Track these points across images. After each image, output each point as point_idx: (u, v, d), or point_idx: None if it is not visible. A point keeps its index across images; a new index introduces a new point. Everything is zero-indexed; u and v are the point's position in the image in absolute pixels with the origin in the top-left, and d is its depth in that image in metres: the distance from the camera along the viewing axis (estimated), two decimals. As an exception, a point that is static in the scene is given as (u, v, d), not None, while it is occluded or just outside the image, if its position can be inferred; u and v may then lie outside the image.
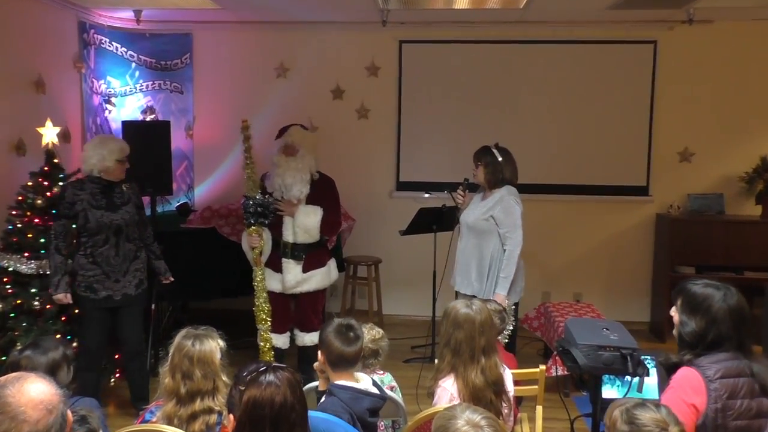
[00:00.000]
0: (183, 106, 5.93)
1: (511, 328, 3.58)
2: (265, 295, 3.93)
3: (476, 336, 2.46)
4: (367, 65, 5.82)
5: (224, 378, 2.29)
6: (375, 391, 2.38)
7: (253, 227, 3.89)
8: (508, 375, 2.57)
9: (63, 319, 3.87)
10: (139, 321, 3.88)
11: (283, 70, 5.86)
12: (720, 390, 2.04)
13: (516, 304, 3.95)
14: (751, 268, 5.31)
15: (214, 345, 2.32)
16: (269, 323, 3.94)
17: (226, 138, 5.76)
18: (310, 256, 4.07)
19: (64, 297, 3.65)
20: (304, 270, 4.06)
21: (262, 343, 3.95)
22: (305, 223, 4.02)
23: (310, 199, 4.04)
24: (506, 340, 3.44)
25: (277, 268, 4.02)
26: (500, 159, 3.90)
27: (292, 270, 4.04)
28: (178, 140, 5.80)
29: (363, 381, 2.41)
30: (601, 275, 5.79)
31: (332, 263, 4.22)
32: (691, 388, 2.07)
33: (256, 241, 3.91)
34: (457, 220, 4.03)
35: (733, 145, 5.60)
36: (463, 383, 2.42)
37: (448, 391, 2.44)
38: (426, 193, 5.61)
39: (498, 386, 2.44)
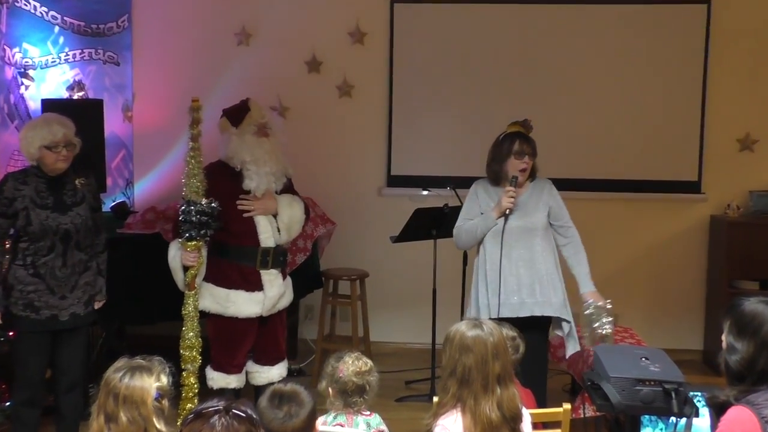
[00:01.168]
0: (119, 81, 5.93)
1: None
2: (197, 327, 3.91)
3: (490, 360, 2.47)
4: (351, 30, 5.84)
5: (159, 426, 2.27)
6: None
7: (193, 242, 3.83)
8: (525, 416, 2.60)
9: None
10: (84, 347, 3.92)
11: (245, 37, 5.87)
12: None
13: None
14: (828, 283, 5.37)
15: (147, 383, 2.29)
16: (199, 361, 3.93)
17: (173, 121, 5.74)
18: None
19: None
20: (283, 278, 4.14)
21: (186, 387, 3.89)
22: (292, 217, 4.07)
23: None
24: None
25: (255, 285, 4.03)
26: None
27: (274, 282, 4.06)
28: (113, 124, 5.78)
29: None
30: (641, 292, 5.83)
31: None
32: None
33: (194, 260, 3.85)
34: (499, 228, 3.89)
35: (806, 129, 5.67)
36: (473, 419, 2.43)
37: (448, 430, 2.46)
38: (424, 190, 5.63)
39: (516, 423, 2.46)
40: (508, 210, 3.83)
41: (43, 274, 3.69)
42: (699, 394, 2.56)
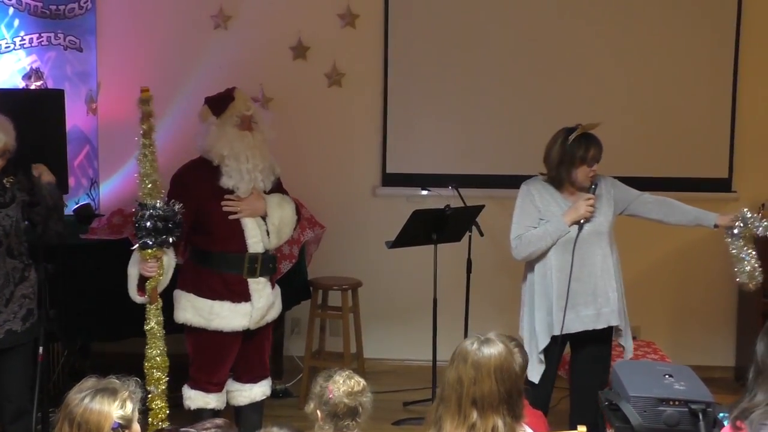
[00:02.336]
0: (83, 69, 5.93)
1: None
2: (162, 345, 3.91)
3: (466, 382, 2.46)
4: (341, 12, 5.85)
5: None
6: None
7: (149, 250, 3.82)
8: None
9: None
10: (27, 367, 3.87)
11: (222, 19, 5.88)
12: None
13: (554, 340, 4.00)
14: None
15: (107, 409, 2.28)
16: (165, 382, 3.92)
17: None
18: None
19: None
20: (272, 287, 4.17)
21: (152, 412, 3.88)
22: (282, 218, 4.09)
23: None
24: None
25: (242, 296, 4.04)
26: None
27: (263, 292, 4.08)
28: (75, 117, 5.78)
29: None
30: (665, 302, 5.85)
31: None
32: None
33: (152, 269, 3.83)
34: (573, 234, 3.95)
35: None
36: None
37: None
38: (423, 189, 5.64)
39: None
40: (584, 219, 3.90)
41: None
42: (732, 415, 2.57)
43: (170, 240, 3.83)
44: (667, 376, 2.75)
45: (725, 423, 2.33)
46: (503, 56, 5.79)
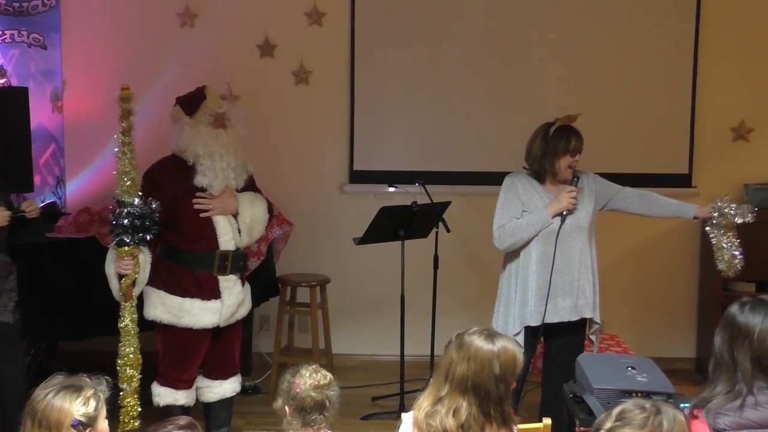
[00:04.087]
0: (47, 67, 5.86)
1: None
2: (136, 341, 3.90)
3: (452, 361, 2.58)
4: (308, 10, 5.84)
5: None
6: None
7: (126, 247, 3.81)
8: None
9: None
10: (20, 353, 4.01)
11: (189, 17, 5.84)
12: None
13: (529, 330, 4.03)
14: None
15: (69, 406, 2.26)
16: (138, 380, 3.91)
17: (110, 112, 5.60)
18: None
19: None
20: (242, 284, 4.17)
21: (123, 410, 3.87)
22: (254, 216, 4.09)
23: None
24: None
25: (212, 293, 4.03)
26: None
27: (233, 289, 4.08)
28: (40, 115, 5.71)
29: None
30: (628, 296, 5.92)
31: None
32: None
33: (128, 267, 3.83)
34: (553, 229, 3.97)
35: (804, 117, 5.80)
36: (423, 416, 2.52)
37: (406, 422, 2.55)
38: (390, 186, 5.65)
39: None
40: (566, 210, 3.92)
41: None
42: (689, 405, 2.61)
43: (147, 238, 3.83)
44: (629, 369, 2.79)
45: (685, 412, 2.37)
46: (469, 55, 5.82)
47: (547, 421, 3.00)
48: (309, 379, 2.91)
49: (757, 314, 2.31)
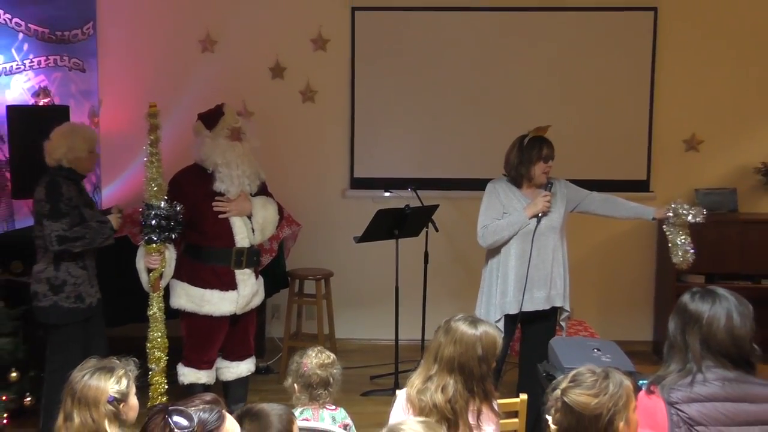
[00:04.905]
0: (85, 88, 5.86)
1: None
2: (163, 327, 3.91)
3: (440, 344, 2.60)
4: (313, 37, 5.85)
5: (112, 431, 2.23)
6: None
7: (153, 245, 3.83)
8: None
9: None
10: (104, 329, 4.14)
11: (209, 43, 5.85)
12: None
13: (508, 317, 4.03)
14: (769, 275, 5.51)
15: (104, 385, 2.26)
16: (165, 361, 3.92)
17: (140, 126, 5.64)
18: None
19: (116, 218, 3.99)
20: (256, 277, 4.16)
21: (152, 387, 3.89)
22: (266, 217, 4.09)
23: None
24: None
25: (229, 285, 4.03)
26: None
27: (248, 281, 4.08)
28: (79, 129, 5.72)
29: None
30: (594, 287, 5.92)
31: None
32: None
33: (155, 262, 3.85)
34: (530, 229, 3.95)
35: (747, 130, 5.80)
36: (415, 392, 2.55)
37: (400, 398, 2.57)
38: (386, 191, 5.65)
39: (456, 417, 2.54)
40: (541, 212, 3.92)
41: (88, 266, 3.98)
42: (647, 381, 2.62)
43: (172, 236, 3.84)
44: (595, 350, 2.79)
45: (642, 389, 2.38)
46: (455, 76, 5.83)
47: (524, 396, 3.01)
48: (315, 358, 2.92)
49: (705, 303, 2.32)
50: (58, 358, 3.89)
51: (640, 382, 2.51)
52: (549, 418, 2.03)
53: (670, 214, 3.90)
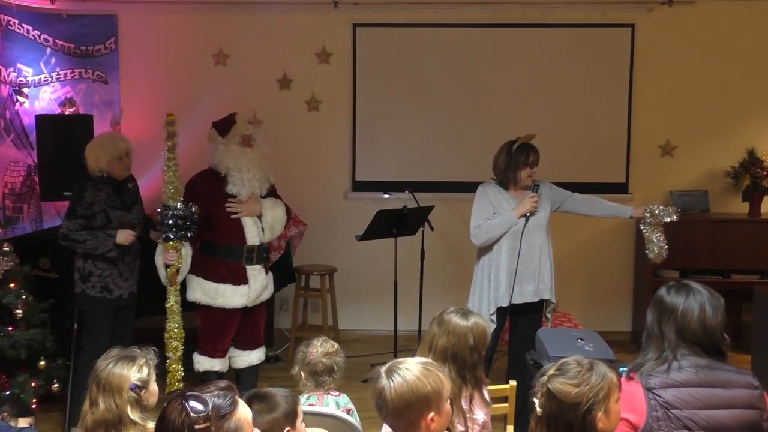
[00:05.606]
0: (108, 98, 5.85)
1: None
2: (179, 319, 3.90)
3: (434, 335, 2.59)
4: (318, 51, 5.84)
5: (134, 416, 2.22)
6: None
7: (171, 242, 3.82)
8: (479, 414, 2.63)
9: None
10: (134, 322, 4.19)
11: (222, 57, 5.84)
12: None
13: (500, 310, 4.02)
14: (738, 270, 5.50)
15: (126, 373, 2.25)
16: (181, 350, 3.90)
17: (158, 134, 5.61)
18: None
19: (128, 234, 3.92)
20: (266, 273, 4.15)
21: (170, 374, 3.87)
22: (275, 217, 4.08)
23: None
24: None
25: (241, 280, 4.02)
26: None
27: (258, 276, 4.07)
28: (102, 137, 5.71)
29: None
30: (578, 282, 5.92)
31: None
32: None
33: (172, 258, 3.84)
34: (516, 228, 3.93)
35: (717, 137, 5.80)
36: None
37: None
38: (385, 193, 5.65)
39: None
40: (529, 212, 3.91)
41: (116, 261, 3.95)
42: (626, 369, 2.61)
43: (188, 235, 3.83)
44: (579, 340, 2.78)
45: (623, 375, 2.37)
46: (449, 87, 5.82)
47: (513, 383, 3.01)
48: (320, 347, 2.91)
49: (680, 295, 2.31)
50: (85, 341, 3.98)
51: (621, 369, 2.50)
52: (536, 401, 2.02)
53: (647, 214, 3.89)
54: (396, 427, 2.04)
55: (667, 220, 3.86)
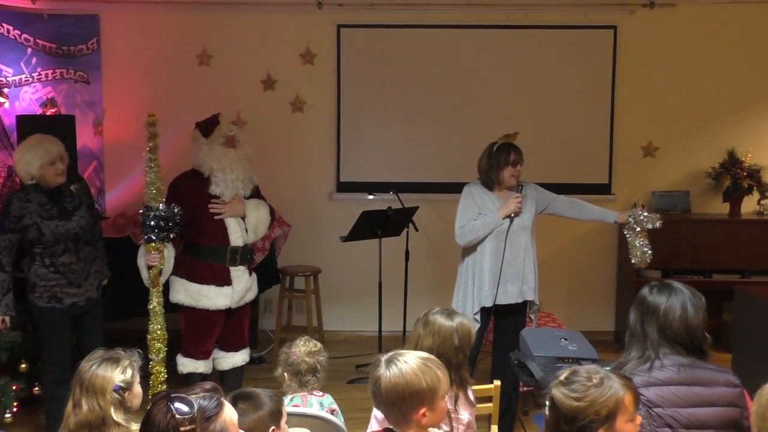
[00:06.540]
0: (90, 99, 5.81)
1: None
2: (162, 321, 3.87)
3: (419, 336, 2.59)
4: (302, 52, 5.83)
5: (117, 418, 2.21)
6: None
7: (153, 243, 3.78)
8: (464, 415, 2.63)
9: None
10: (101, 325, 3.99)
11: (205, 58, 5.81)
12: None
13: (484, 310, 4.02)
14: (719, 270, 5.55)
15: (110, 374, 2.24)
16: (164, 352, 3.88)
17: (141, 135, 5.60)
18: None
19: (1, 322, 3.71)
20: (249, 274, 4.13)
21: (153, 376, 3.85)
22: (258, 218, 4.05)
23: None
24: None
25: (225, 281, 4.00)
26: None
27: (242, 277, 4.05)
28: (85, 137, 5.66)
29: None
30: (561, 282, 5.95)
31: None
32: None
33: (154, 260, 3.81)
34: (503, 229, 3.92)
35: (698, 138, 5.85)
36: None
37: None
38: (370, 194, 5.65)
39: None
40: (514, 213, 3.90)
41: (62, 270, 3.76)
42: (610, 368, 2.62)
43: (170, 236, 3.80)
44: (562, 340, 2.79)
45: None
46: (433, 87, 5.83)
47: (497, 382, 3.01)
48: (303, 347, 2.91)
49: (662, 295, 2.33)
50: (43, 350, 3.88)
51: (604, 368, 2.51)
52: (547, 403, 1.98)
53: (631, 220, 3.91)
54: (388, 416, 2.04)
55: (651, 227, 3.88)
